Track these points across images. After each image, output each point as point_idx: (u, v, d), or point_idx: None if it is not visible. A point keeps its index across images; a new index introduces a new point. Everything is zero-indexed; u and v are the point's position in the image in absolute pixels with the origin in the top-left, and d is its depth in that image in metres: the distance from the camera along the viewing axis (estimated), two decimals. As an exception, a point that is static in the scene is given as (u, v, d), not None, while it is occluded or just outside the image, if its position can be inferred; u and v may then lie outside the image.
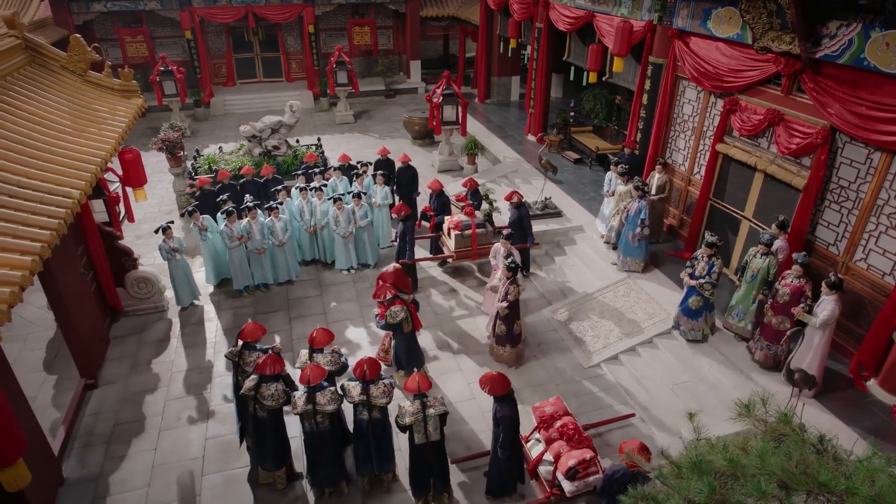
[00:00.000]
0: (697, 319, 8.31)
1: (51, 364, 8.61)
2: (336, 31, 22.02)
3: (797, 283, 7.33)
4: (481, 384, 6.12)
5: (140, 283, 9.42)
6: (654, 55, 10.69)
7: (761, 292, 7.87)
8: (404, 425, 5.86)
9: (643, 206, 9.42)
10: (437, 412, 5.90)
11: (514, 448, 6.23)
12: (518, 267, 8.01)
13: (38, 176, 5.55)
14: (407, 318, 7.51)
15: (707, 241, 8.05)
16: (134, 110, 8.10)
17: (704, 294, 8.11)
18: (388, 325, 7.46)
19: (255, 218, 9.61)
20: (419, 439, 5.90)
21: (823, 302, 6.99)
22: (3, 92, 6.71)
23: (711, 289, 8.09)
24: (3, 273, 4.17)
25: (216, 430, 7.44)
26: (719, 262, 8.03)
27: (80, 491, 6.64)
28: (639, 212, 9.46)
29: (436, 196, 10.51)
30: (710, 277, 8.03)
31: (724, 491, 2.72)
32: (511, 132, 16.88)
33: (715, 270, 7.99)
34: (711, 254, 8.03)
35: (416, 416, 5.82)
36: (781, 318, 7.49)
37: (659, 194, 10.34)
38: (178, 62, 18.75)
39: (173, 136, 12.64)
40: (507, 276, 7.93)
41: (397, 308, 7.41)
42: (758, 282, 7.86)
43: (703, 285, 8.06)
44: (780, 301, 7.48)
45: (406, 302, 7.57)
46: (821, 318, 6.91)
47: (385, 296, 7.45)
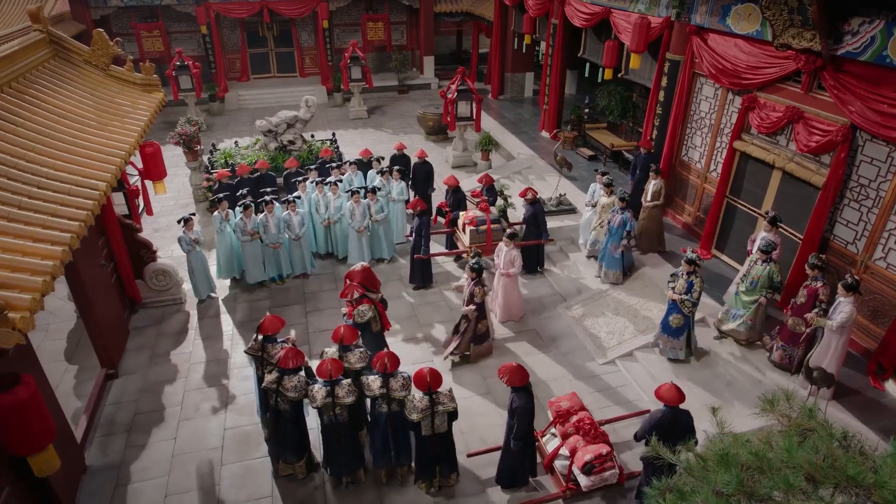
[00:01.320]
0: (678, 338, 8.09)
1: (72, 354, 8.75)
2: (350, 26, 22.07)
3: (813, 285, 7.25)
4: (500, 374, 6.15)
5: (158, 275, 9.53)
6: (672, 52, 10.65)
7: (764, 295, 7.79)
8: (412, 421, 5.91)
9: (627, 218, 9.23)
10: (445, 409, 5.93)
11: (528, 440, 6.27)
12: (483, 268, 7.95)
13: (65, 168, 5.65)
14: (375, 318, 7.46)
15: (687, 258, 7.79)
16: (155, 104, 8.19)
17: (684, 311, 7.85)
18: (356, 324, 7.33)
19: (272, 212, 9.69)
20: (426, 431, 5.98)
21: (840, 304, 6.84)
22: (28, 85, 6.82)
23: (692, 307, 7.81)
24: (36, 263, 4.26)
25: (234, 420, 7.54)
26: (699, 281, 7.76)
27: (102, 478, 6.76)
28: (623, 224, 9.23)
29: (452, 192, 10.55)
30: (691, 296, 7.76)
31: (752, 484, 2.74)
32: (525, 128, 16.87)
33: (696, 289, 7.75)
34: (691, 271, 7.75)
35: (424, 412, 5.87)
36: (797, 320, 7.44)
37: (654, 201, 10.03)
38: (193, 57, 18.87)
39: (190, 131, 12.76)
40: (471, 278, 7.88)
41: (365, 307, 7.36)
42: (758, 289, 7.81)
43: (685, 301, 7.79)
44: (797, 303, 7.43)
45: (374, 301, 7.51)
46: (837, 320, 6.78)
47: (352, 295, 7.38)
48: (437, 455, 6.21)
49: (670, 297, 7.96)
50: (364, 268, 7.78)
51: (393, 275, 10.54)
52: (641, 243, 10.27)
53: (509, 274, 8.76)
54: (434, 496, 6.48)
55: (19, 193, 4.92)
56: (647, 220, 10.17)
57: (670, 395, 5.74)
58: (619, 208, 9.40)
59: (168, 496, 6.55)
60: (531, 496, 6.48)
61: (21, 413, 4.03)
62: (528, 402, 6.06)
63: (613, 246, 9.50)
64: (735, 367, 7.97)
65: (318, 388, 6.02)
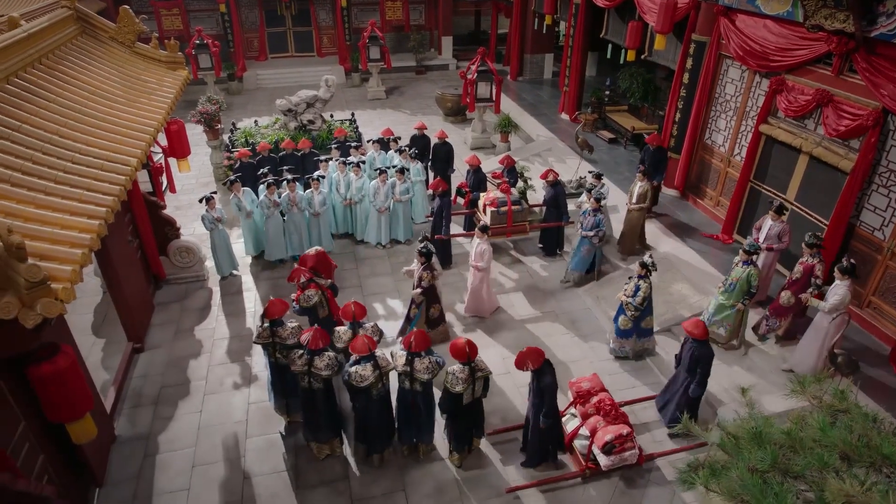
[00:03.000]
0: (628, 338, 8.03)
1: (99, 328, 8.93)
2: (368, 5, 21.88)
3: (809, 262, 7.36)
4: (519, 365, 6.16)
5: (182, 252, 9.66)
6: (698, 33, 10.49)
7: (741, 301, 7.58)
8: (456, 393, 6.00)
9: (601, 220, 8.88)
10: (483, 375, 6.19)
11: (556, 416, 6.34)
12: (432, 253, 7.86)
13: (96, 144, 5.72)
14: (321, 303, 7.43)
15: (641, 262, 7.57)
16: (180, 82, 8.24)
17: (627, 313, 7.75)
18: (302, 308, 7.34)
19: (293, 191, 9.73)
20: (466, 399, 6.15)
21: (835, 287, 6.91)
22: (58, 62, 6.88)
23: (634, 311, 7.65)
24: (74, 236, 4.35)
25: (258, 395, 7.67)
26: (646, 286, 7.56)
27: (131, 448, 6.94)
28: (597, 224, 8.91)
29: (473, 172, 10.53)
30: (634, 300, 7.62)
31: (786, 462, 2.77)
32: (544, 110, 16.74)
33: (640, 294, 7.58)
34: (641, 274, 7.58)
35: (466, 382, 6.00)
36: (790, 294, 7.58)
37: (639, 203, 9.63)
38: (212, 35, 18.85)
39: (211, 109, 12.81)
40: (420, 262, 7.85)
41: (311, 292, 7.32)
42: (736, 292, 7.60)
43: (628, 304, 7.67)
44: (792, 277, 7.55)
45: (321, 286, 7.49)
46: (830, 302, 6.85)
47: (298, 279, 7.37)
48: (473, 420, 6.42)
49: (618, 297, 7.90)
50: (318, 252, 7.73)
51: (412, 255, 10.56)
52: (623, 245, 9.98)
53: (478, 267, 8.51)
54: (458, 471, 6.60)
55: (55, 168, 5.00)
56: (630, 222, 9.79)
57: (699, 330, 6.36)
58: (591, 209, 8.97)
59: (195, 466, 6.71)
60: (548, 474, 6.56)
61: (61, 381, 4.15)
62: (552, 377, 6.15)
63: (587, 249, 9.13)
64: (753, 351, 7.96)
65: (361, 368, 6.03)
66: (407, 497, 6.36)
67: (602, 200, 9.09)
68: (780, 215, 8.12)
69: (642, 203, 9.61)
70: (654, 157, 10.59)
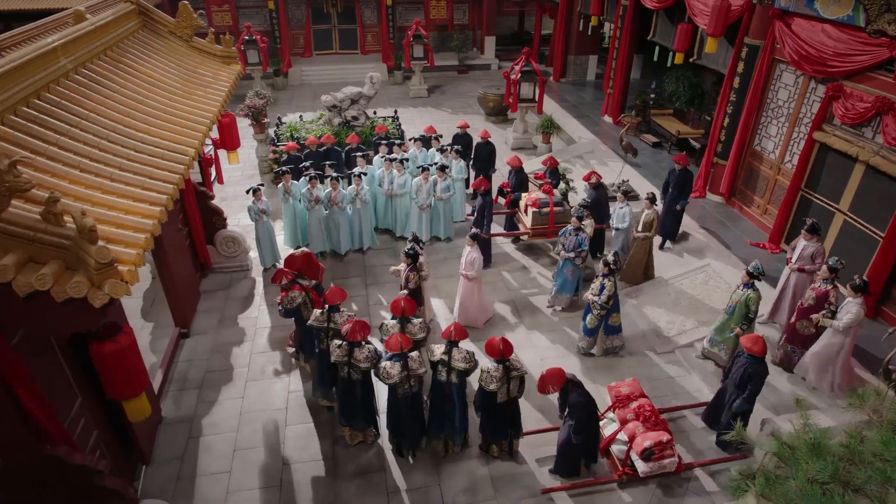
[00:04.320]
0: (592, 337, 8.03)
1: (147, 312, 9.23)
2: (413, 4, 22.02)
3: (823, 288, 7.11)
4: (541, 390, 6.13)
5: (228, 241, 9.91)
6: (751, 36, 10.25)
7: (740, 326, 7.35)
8: (490, 391, 6.03)
9: (583, 240, 8.56)
10: (519, 374, 6.18)
11: (590, 431, 6.28)
12: (417, 255, 7.79)
13: (157, 134, 5.93)
14: (305, 304, 7.40)
15: (603, 259, 7.60)
16: (234, 76, 8.47)
17: (594, 312, 7.73)
18: (286, 310, 7.32)
19: (336, 189, 9.87)
20: (501, 398, 6.16)
21: (848, 304, 6.74)
22: (121, 54, 7.16)
23: (600, 309, 7.65)
24: (137, 221, 4.53)
25: (298, 385, 7.83)
26: (610, 284, 7.53)
27: (176, 429, 7.17)
28: (579, 245, 8.59)
29: (515, 172, 10.52)
30: (599, 298, 7.59)
31: (846, 474, 2.71)
32: (587, 112, 16.59)
33: (605, 293, 7.51)
34: (605, 273, 7.56)
35: (501, 381, 6.01)
36: (805, 322, 7.33)
37: (644, 232, 9.12)
38: (260, 32, 19.26)
39: (259, 104, 13.09)
40: (406, 263, 7.82)
41: (295, 293, 7.30)
42: (735, 315, 7.39)
43: (594, 303, 7.66)
44: (804, 305, 7.30)
45: (305, 288, 7.47)
46: (843, 321, 6.70)
47: (281, 281, 7.36)
48: (511, 420, 6.42)
49: (586, 297, 7.91)
50: (304, 254, 7.76)
51: (451, 253, 10.64)
52: (626, 274, 9.53)
53: (467, 276, 8.35)
54: (492, 469, 6.62)
55: (119, 156, 5.21)
56: (636, 251, 9.34)
57: (757, 347, 6.24)
58: (573, 229, 8.67)
59: (237, 450, 6.90)
60: (584, 478, 6.52)
61: (122, 360, 4.33)
62: (580, 395, 6.08)
63: (570, 271, 8.77)
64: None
65: (390, 365, 6.13)
66: (442, 492, 6.41)
67: (584, 220, 8.72)
68: (814, 235, 7.72)
69: (647, 232, 9.11)
70: (679, 179, 9.86)
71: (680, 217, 10.21)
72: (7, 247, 3.67)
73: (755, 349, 6.25)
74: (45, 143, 4.79)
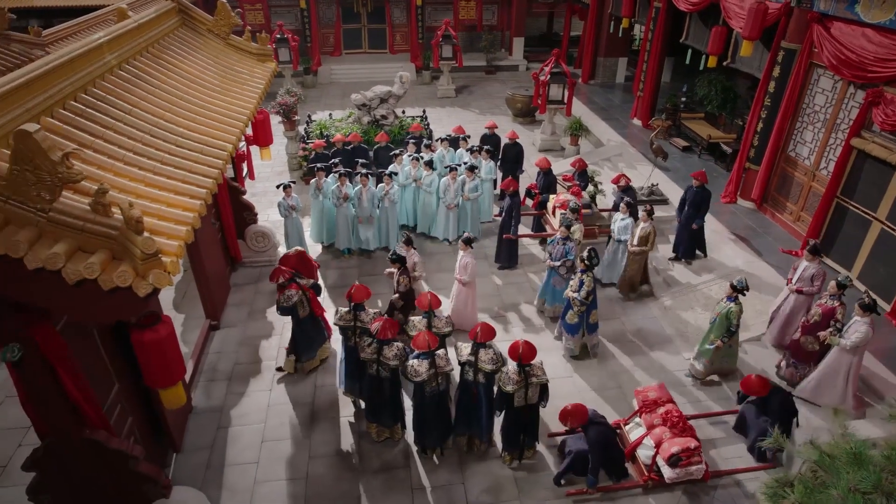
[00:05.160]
0: (574, 335, 7.99)
1: (179, 304, 9.42)
2: (442, 4, 22.09)
3: (830, 305, 7.01)
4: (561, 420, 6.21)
5: (258, 236, 10.07)
6: (788, 40, 10.09)
7: (721, 338, 7.32)
8: (507, 392, 6.04)
9: (570, 249, 8.40)
10: (539, 381, 6.13)
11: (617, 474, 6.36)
12: (402, 257, 7.77)
13: (196, 129, 6.07)
14: (302, 302, 7.41)
15: (581, 257, 7.66)
16: (269, 73, 8.61)
17: (574, 308, 7.76)
18: (283, 308, 7.35)
19: (366, 185, 9.96)
20: (518, 402, 6.15)
21: (855, 324, 6.64)
22: (162, 51, 7.33)
23: (580, 306, 7.70)
24: (179, 214, 4.65)
25: (324, 379, 7.93)
26: (589, 280, 7.53)
27: (206, 419, 7.31)
28: (565, 254, 8.44)
29: (543, 174, 10.50)
30: (579, 295, 7.62)
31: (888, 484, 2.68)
32: (615, 115, 16.47)
33: (584, 288, 7.50)
34: (583, 269, 7.60)
35: (518, 384, 6.00)
36: (810, 338, 7.23)
37: (640, 246, 8.92)
38: (291, 31, 19.50)
39: (290, 101, 13.27)
40: (396, 267, 7.78)
41: (292, 292, 7.32)
42: (716, 326, 7.39)
43: (574, 300, 7.69)
44: (810, 321, 7.20)
45: (302, 286, 7.48)
46: (851, 340, 6.60)
47: (278, 279, 7.37)
48: (524, 425, 6.39)
49: (566, 294, 7.94)
50: (298, 252, 7.76)
51: (478, 254, 10.62)
52: (622, 286, 9.42)
53: (462, 280, 8.32)
54: (515, 470, 6.63)
55: (161, 150, 5.34)
56: (631, 265, 9.15)
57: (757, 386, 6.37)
58: (560, 238, 8.50)
59: (264, 442, 7.01)
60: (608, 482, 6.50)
61: (161, 349, 4.44)
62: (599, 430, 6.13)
63: (556, 280, 8.60)
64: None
65: (418, 363, 6.19)
66: (465, 491, 6.43)
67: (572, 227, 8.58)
68: (816, 256, 7.57)
69: (643, 246, 8.90)
70: (696, 197, 9.56)
71: (698, 235, 9.90)
72: (57, 236, 3.80)
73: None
74: (91, 136, 4.94)
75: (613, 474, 6.46)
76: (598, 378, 7.94)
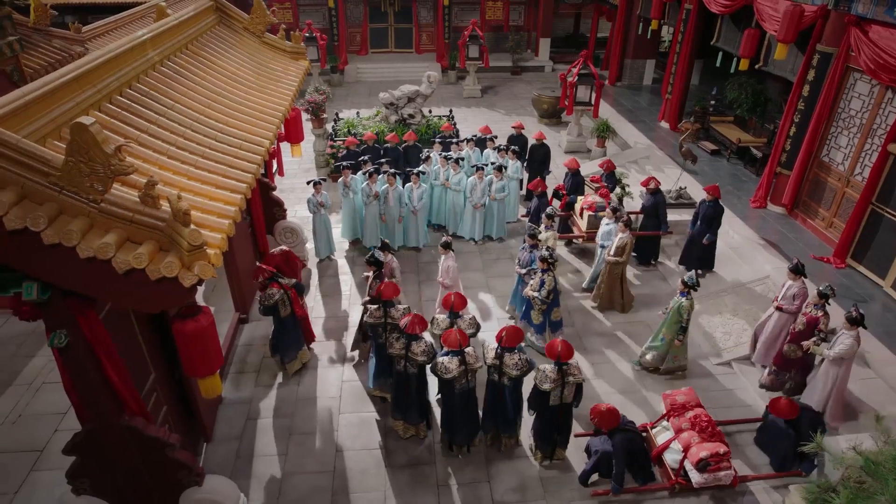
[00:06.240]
0: (542, 334, 8.03)
1: (208, 297, 9.58)
2: (469, 5, 22.14)
3: (814, 314, 7.01)
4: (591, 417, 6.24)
5: (287, 232, 10.20)
6: (824, 43, 9.94)
7: (677, 336, 7.48)
8: (543, 391, 6.05)
9: (535, 258, 8.13)
10: (575, 380, 6.13)
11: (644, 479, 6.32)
12: (378, 261, 7.69)
13: (234, 125, 6.18)
14: (283, 302, 7.40)
15: (541, 256, 7.64)
16: (302, 71, 8.72)
17: (535, 307, 7.80)
18: (264, 307, 7.33)
19: (393, 185, 10.02)
20: (553, 401, 6.15)
21: (842, 336, 6.64)
22: (201, 48, 7.47)
23: (541, 304, 7.72)
24: (220, 207, 4.75)
25: (351, 374, 8.01)
26: (550, 279, 7.53)
27: (235, 410, 7.44)
28: (530, 262, 8.29)
29: (571, 175, 10.48)
30: (539, 293, 7.63)
31: (939, 492, 2.65)
32: (643, 117, 16.35)
33: (545, 287, 7.50)
34: (544, 269, 7.60)
35: (555, 383, 6.01)
36: (793, 346, 7.20)
37: (616, 257, 8.69)
38: (318, 29, 19.67)
39: (319, 99, 13.41)
40: (371, 271, 7.72)
41: (273, 291, 7.30)
42: (667, 321, 7.50)
43: (534, 298, 7.73)
44: (795, 329, 7.18)
45: (284, 286, 7.45)
46: (835, 350, 6.62)
47: (258, 278, 7.35)
48: (558, 425, 6.40)
49: (524, 293, 7.99)
50: (283, 252, 7.76)
51: (503, 253, 10.68)
52: (597, 297, 9.19)
53: (444, 284, 8.30)
54: (545, 469, 6.64)
55: (202, 145, 5.46)
56: (609, 276, 8.87)
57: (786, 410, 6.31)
58: (528, 245, 8.38)
59: (292, 434, 7.11)
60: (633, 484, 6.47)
61: (201, 338, 4.54)
62: (625, 436, 6.09)
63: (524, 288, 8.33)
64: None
65: (449, 360, 6.23)
66: (491, 489, 6.46)
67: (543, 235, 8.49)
68: (798, 275, 7.44)
69: (619, 257, 8.67)
70: (708, 212, 9.31)
71: (710, 250, 9.69)
72: (108, 226, 3.91)
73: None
74: (136, 130, 5.07)
75: (640, 478, 6.43)
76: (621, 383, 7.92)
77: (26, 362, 8.08)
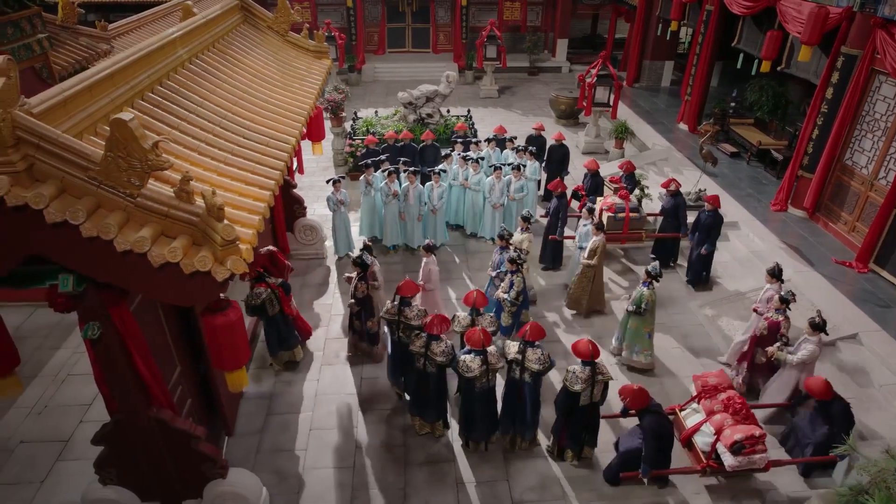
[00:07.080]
0: (509, 336, 7.88)
1: (228, 292, 9.65)
2: (486, 5, 22.12)
3: (775, 319, 7.08)
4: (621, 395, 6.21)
5: (307, 230, 10.28)
6: (848, 45, 9.84)
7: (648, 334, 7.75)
8: (574, 392, 6.06)
9: (503, 261, 8.02)
10: (605, 378, 6.18)
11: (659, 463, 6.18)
12: (365, 263, 7.60)
13: (261, 122, 6.25)
14: (271, 301, 7.42)
15: (509, 257, 7.62)
16: (325, 70, 8.78)
17: (504, 308, 7.80)
18: (251, 306, 7.33)
19: (413, 183, 10.06)
20: (584, 401, 6.16)
21: (804, 342, 6.71)
22: (227, 46, 7.56)
23: (510, 306, 7.74)
24: (250, 203, 4.81)
25: (371, 372, 8.06)
26: (518, 280, 7.56)
27: (256, 405, 7.52)
28: (500, 264, 8.19)
29: (590, 176, 10.46)
30: (509, 295, 7.65)
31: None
32: (661, 119, 16.27)
33: (514, 289, 7.53)
34: (513, 270, 7.61)
35: (586, 382, 6.02)
36: (759, 350, 7.28)
37: (588, 259, 8.61)
38: (337, 29, 19.78)
39: (338, 98, 13.49)
40: (357, 273, 7.68)
41: (260, 290, 7.33)
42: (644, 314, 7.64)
43: (504, 300, 7.75)
44: (757, 334, 7.24)
45: (271, 285, 7.47)
46: (797, 356, 6.70)
47: (244, 278, 7.18)
48: (587, 424, 6.42)
49: (495, 295, 7.98)
50: (269, 252, 7.79)
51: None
52: (571, 302, 9.09)
53: (424, 288, 8.18)
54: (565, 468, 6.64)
55: (230, 142, 5.53)
56: (582, 279, 8.76)
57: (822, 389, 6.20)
58: (499, 247, 8.30)
59: (312, 430, 7.18)
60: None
61: (230, 332, 4.60)
62: (653, 421, 6.01)
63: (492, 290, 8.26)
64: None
65: (471, 359, 6.25)
66: (510, 488, 6.48)
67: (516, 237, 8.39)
68: (775, 279, 7.44)
69: (590, 261, 8.58)
70: (707, 222, 9.14)
71: (708, 260, 9.57)
72: (144, 220, 3.99)
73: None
74: (168, 126, 5.15)
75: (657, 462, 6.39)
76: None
77: (52, 354, 8.22)
